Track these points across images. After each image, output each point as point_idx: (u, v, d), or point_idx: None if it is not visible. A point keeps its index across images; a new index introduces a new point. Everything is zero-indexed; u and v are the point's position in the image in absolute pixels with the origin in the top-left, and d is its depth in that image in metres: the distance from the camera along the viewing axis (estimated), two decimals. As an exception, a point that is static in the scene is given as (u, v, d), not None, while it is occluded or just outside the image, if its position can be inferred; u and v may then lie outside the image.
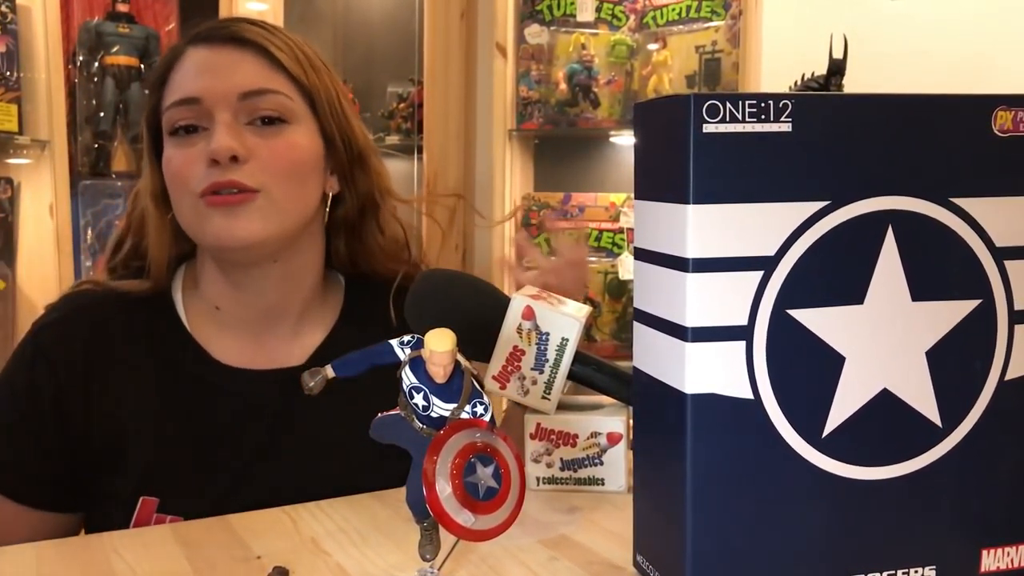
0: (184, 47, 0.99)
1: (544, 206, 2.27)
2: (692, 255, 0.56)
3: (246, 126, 0.95)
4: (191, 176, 0.94)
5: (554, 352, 0.87)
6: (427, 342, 0.50)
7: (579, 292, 1.10)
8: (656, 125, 0.60)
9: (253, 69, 0.96)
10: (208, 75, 0.95)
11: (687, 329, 0.56)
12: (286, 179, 0.95)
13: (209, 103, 0.94)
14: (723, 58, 2.06)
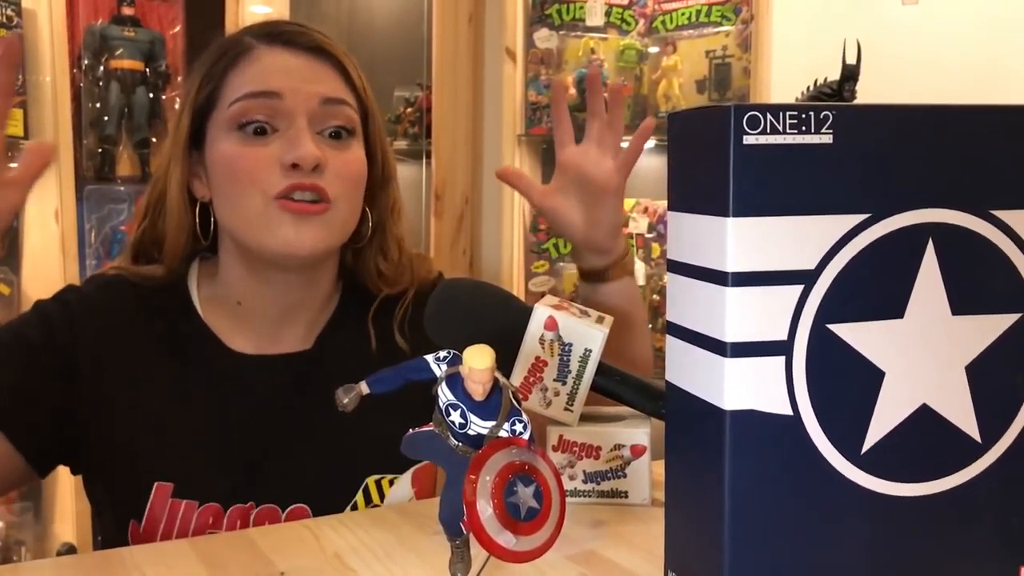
0: (255, 43, 0.97)
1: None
2: (732, 269, 0.55)
3: (317, 136, 0.95)
4: (264, 178, 0.93)
5: (577, 363, 0.86)
6: (466, 359, 0.49)
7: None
8: (693, 136, 0.59)
9: (332, 78, 0.98)
10: (288, 76, 0.95)
11: (726, 344, 0.55)
12: (352, 193, 0.98)
13: (291, 102, 0.94)
14: (733, 63, 2.05)
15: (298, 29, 1.00)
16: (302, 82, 0.95)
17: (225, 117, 0.95)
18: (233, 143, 0.94)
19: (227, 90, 0.96)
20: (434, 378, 0.53)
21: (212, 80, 0.97)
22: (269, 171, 0.93)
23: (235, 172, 0.94)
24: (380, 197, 1.05)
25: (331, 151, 0.96)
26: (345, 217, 0.97)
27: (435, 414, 0.54)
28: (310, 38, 0.99)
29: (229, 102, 0.95)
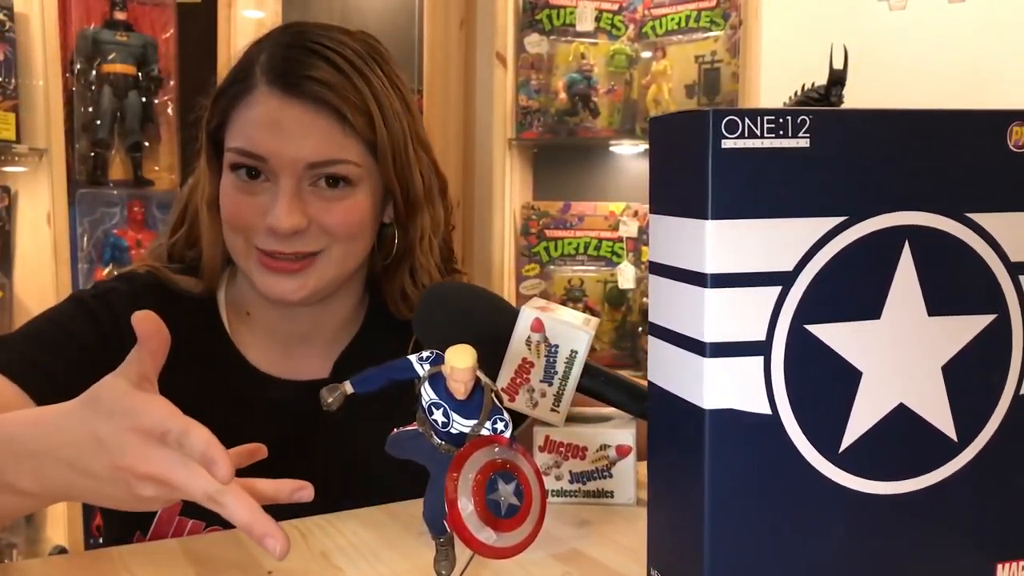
0: (260, 82, 0.94)
1: (544, 215, 2.27)
2: (711, 270, 0.56)
3: (309, 187, 0.94)
4: (249, 226, 0.94)
5: (563, 364, 0.87)
6: (448, 358, 0.50)
7: None
8: (673, 140, 0.60)
9: (325, 136, 0.93)
10: (279, 135, 0.92)
11: (705, 344, 0.56)
12: (346, 240, 0.96)
13: (275, 165, 0.93)
14: (723, 68, 2.07)
15: (305, 73, 0.93)
16: (291, 143, 0.92)
17: (227, 159, 0.96)
18: (230, 182, 0.96)
19: (230, 128, 0.96)
20: (417, 377, 0.53)
21: (219, 111, 0.97)
22: (254, 220, 0.94)
23: (227, 210, 0.96)
24: (410, 226, 1.02)
25: (323, 203, 0.94)
26: (339, 259, 0.97)
27: (418, 413, 0.55)
28: (312, 87, 0.92)
29: (228, 146, 0.96)
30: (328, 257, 0.96)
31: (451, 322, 0.94)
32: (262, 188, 0.94)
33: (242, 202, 0.94)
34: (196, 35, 2.53)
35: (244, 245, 0.96)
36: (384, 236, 1.04)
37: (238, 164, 0.94)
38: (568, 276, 2.22)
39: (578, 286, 2.21)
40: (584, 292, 2.21)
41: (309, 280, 0.95)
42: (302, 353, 1.03)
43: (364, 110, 0.94)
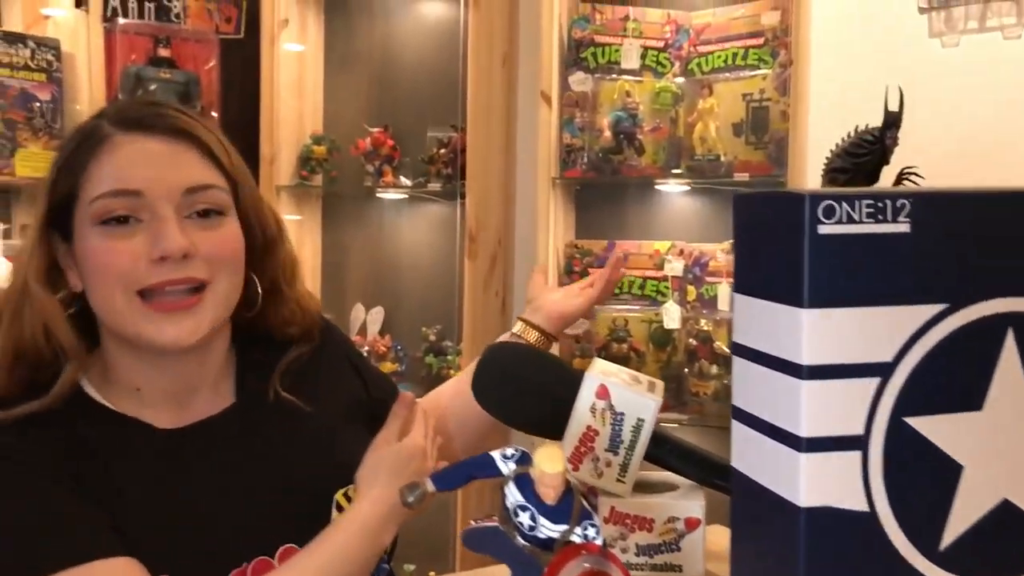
0: (113, 131, 0.93)
1: (587, 253, 2.24)
2: (807, 362, 0.53)
3: (185, 219, 0.92)
4: (131, 271, 0.90)
5: (630, 433, 0.85)
6: (537, 462, 0.48)
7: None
8: (762, 219, 0.58)
9: (194, 163, 0.94)
10: (149, 167, 0.92)
11: (802, 439, 0.54)
12: (230, 271, 0.95)
13: (151, 197, 0.91)
14: (771, 106, 2.04)
15: (156, 111, 0.96)
16: (163, 173, 0.92)
17: (88, 213, 0.91)
18: (97, 238, 0.91)
19: (88, 185, 0.92)
20: (499, 475, 0.51)
21: (72, 173, 0.93)
22: (134, 265, 0.90)
23: (99, 267, 0.91)
24: (267, 263, 1.03)
25: (201, 232, 0.93)
26: (226, 294, 0.95)
27: (500, 511, 0.52)
28: (169, 121, 0.94)
29: (90, 198, 0.91)
30: (215, 291, 0.94)
31: (511, 387, 0.91)
32: (136, 231, 0.91)
33: (116, 248, 0.90)
34: (238, 69, 2.54)
35: (124, 296, 0.91)
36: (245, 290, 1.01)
37: (107, 211, 0.91)
38: (612, 316, 2.19)
39: (622, 326, 2.18)
40: (628, 332, 2.18)
41: (201, 319, 0.93)
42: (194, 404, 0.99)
43: (218, 143, 0.97)
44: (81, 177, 0.92)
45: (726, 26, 2.12)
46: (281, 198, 2.49)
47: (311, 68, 2.62)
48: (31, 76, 2.09)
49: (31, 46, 2.09)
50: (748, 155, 2.07)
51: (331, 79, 2.65)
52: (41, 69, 2.11)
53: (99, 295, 0.92)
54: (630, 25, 2.17)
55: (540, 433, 0.92)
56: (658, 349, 2.17)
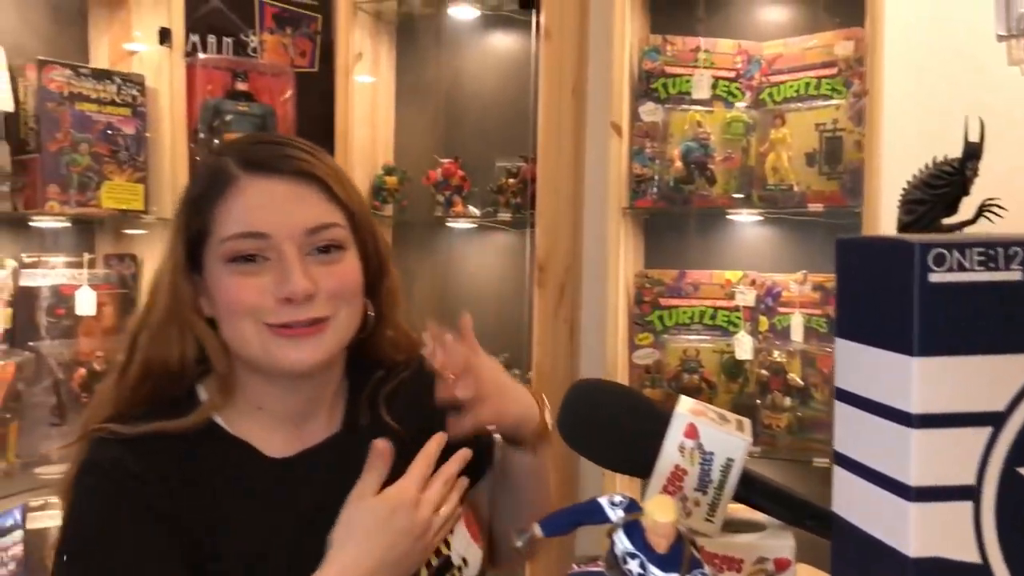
0: (239, 173, 0.99)
1: (657, 283, 2.23)
2: (917, 410, 0.53)
3: (307, 256, 0.98)
4: (259, 307, 0.97)
5: (719, 473, 0.84)
6: (649, 511, 0.48)
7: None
8: (869, 265, 0.57)
9: (315, 203, 0.99)
10: (273, 210, 0.98)
11: (911, 488, 0.53)
12: (349, 303, 1.01)
13: (277, 239, 0.97)
14: (845, 136, 2.02)
15: (280, 154, 1.00)
16: (287, 215, 0.98)
17: (218, 253, 0.98)
18: (227, 275, 0.97)
19: (217, 225, 0.98)
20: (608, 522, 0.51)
21: (202, 212, 0.99)
22: (262, 301, 0.96)
23: (230, 302, 0.97)
24: (379, 289, 1.08)
25: (322, 268, 0.99)
26: (346, 324, 1.01)
27: (607, 556, 0.53)
28: (291, 163, 0.99)
29: (220, 239, 0.97)
30: (337, 321, 1.00)
31: (598, 424, 0.92)
32: (263, 269, 0.97)
33: (246, 285, 0.97)
34: (313, 101, 2.60)
35: (254, 326, 0.97)
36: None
37: (236, 252, 0.97)
38: (683, 346, 2.18)
39: (693, 356, 2.17)
40: (700, 363, 2.16)
41: (323, 344, 0.99)
42: (309, 428, 1.06)
43: (337, 179, 1.02)
44: (210, 217, 0.98)
45: (799, 56, 2.11)
46: (353, 228, 2.53)
47: (383, 100, 2.67)
48: (117, 111, 2.15)
49: (117, 82, 2.16)
50: (822, 185, 2.06)
51: (402, 111, 2.69)
52: (126, 104, 2.17)
53: (229, 325, 0.99)
54: (701, 56, 2.17)
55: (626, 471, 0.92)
56: (730, 380, 2.15)
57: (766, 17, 2.27)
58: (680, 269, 2.23)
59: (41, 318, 2.07)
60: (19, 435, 1.98)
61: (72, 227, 2.22)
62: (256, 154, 1.01)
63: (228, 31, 2.52)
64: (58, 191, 2.03)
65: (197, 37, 2.46)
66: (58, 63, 2.05)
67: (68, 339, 2.12)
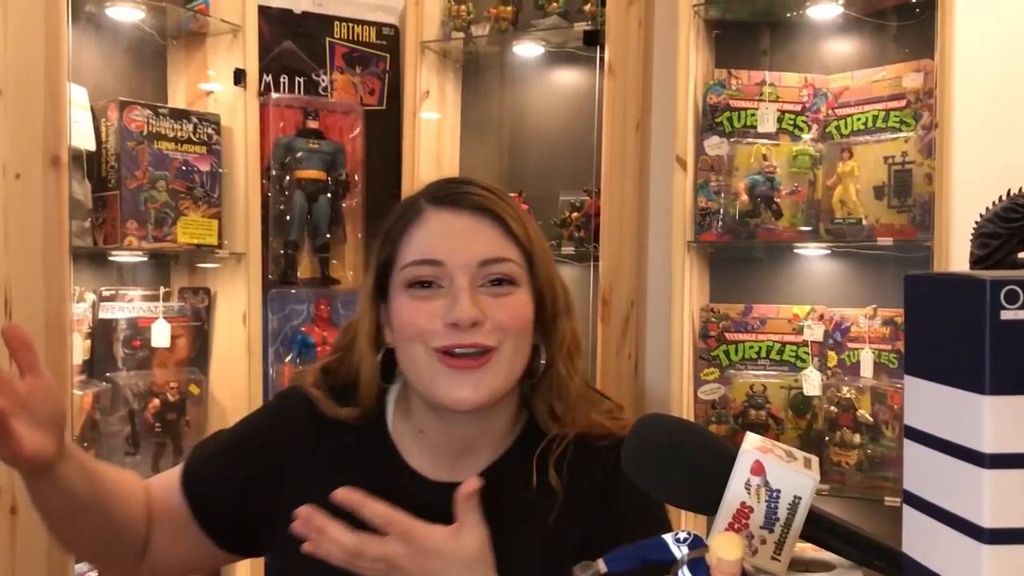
0: (425, 207, 1.07)
1: (723, 317, 2.22)
2: (989, 450, 0.52)
3: (479, 288, 1.03)
4: (428, 331, 1.02)
5: (785, 511, 0.83)
6: (715, 548, 0.48)
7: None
8: (938, 302, 0.57)
9: (491, 237, 1.05)
10: (451, 239, 1.04)
11: (984, 530, 0.52)
12: (516, 338, 1.04)
13: (451, 267, 1.03)
14: (914, 169, 1.99)
15: (464, 190, 1.07)
16: (463, 245, 1.03)
17: (400, 279, 1.05)
18: (405, 299, 1.04)
19: (401, 253, 1.06)
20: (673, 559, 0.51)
21: (390, 243, 1.08)
22: (431, 324, 1.02)
23: (404, 326, 1.04)
24: (553, 334, 1.09)
25: (492, 300, 1.03)
26: (510, 360, 1.04)
27: (672, 593, 0.53)
28: (473, 199, 1.05)
29: (402, 265, 1.05)
30: (501, 355, 1.03)
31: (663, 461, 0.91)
32: (437, 295, 1.03)
33: (419, 309, 1.03)
34: (381, 138, 2.65)
35: (424, 352, 1.03)
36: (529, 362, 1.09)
37: (414, 278, 1.04)
38: (750, 381, 2.15)
39: (760, 392, 2.14)
40: (767, 399, 2.13)
41: (487, 379, 1.02)
42: (464, 464, 1.09)
43: (517, 220, 1.07)
44: (397, 246, 1.06)
45: (866, 88, 2.09)
46: (419, 261, 2.56)
47: (449, 136, 2.71)
48: (193, 149, 2.23)
49: (194, 121, 2.23)
50: (891, 218, 2.03)
51: (467, 146, 2.73)
52: (202, 142, 2.25)
53: (403, 349, 1.06)
54: (766, 89, 2.17)
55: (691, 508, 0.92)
56: (797, 416, 2.12)
57: (832, 50, 2.26)
58: (746, 303, 2.21)
59: (118, 349, 2.14)
60: (96, 463, 2.04)
61: (149, 261, 2.30)
62: (442, 190, 1.08)
63: (300, 71, 2.60)
64: (136, 226, 2.11)
65: (270, 77, 2.54)
66: (138, 103, 2.14)
67: (143, 370, 2.19)
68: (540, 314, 1.08)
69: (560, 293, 1.10)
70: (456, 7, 2.54)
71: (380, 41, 2.72)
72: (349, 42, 2.68)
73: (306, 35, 2.62)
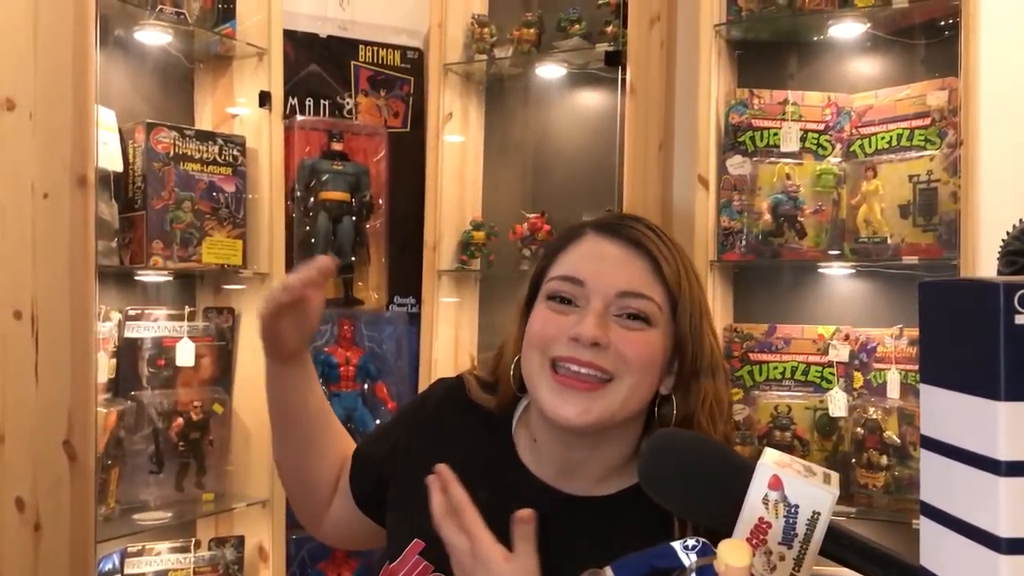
0: (587, 230, 1.12)
1: (747, 337, 2.20)
2: (1004, 457, 0.51)
3: (614, 317, 1.05)
4: (552, 340, 1.06)
5: (804, 526, 0.82)
6: (722, 555, 0.47)
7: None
8: (952, 309, 0.56)
9: (637, 272, 1.07)
10: (598, 263, 1.08)
11: (1001, 540, 0.51)
12: (636, 374, 1.04)
13: (590, 288, 1.06)
14: (940, 187, 1.97)
15: (626, 223, 1.11)
16: (608, 272, 1.06)
17: (544, 290, 1.10)
18: (541, 309, 1.09)
19: (552, 267, 1.11)
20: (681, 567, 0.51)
21: (547, 257, 1.14)
22: (556, 336, 1.05)
23: (532, 333, 1.08)
24: (692, 388, 1.09)
25: (621, 331, 1.04)
26: (626, 395, 1.04)
27: (682, 602, 0.52)
28: (632, 232, 1.09)
29: (549, 278, 1.10)
30: (618, 387, 1.04)
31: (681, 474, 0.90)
32: (571, 311, 1.07)
33: (550, 319, 1.07)
34: (405, 160, 2.67)
35: (539, 360, 1.06)
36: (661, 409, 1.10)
37: (556, 291, 1.08)
38: (774, 402, 2.13)
39: (785, 413, 2.12)
40: (792, 420, 2.11)
41: (595, 405, 1.03)
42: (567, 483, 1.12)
43: (672, 264, 1.08)
44: (552, 260, 1.12)
45: (890, 107, 2.08)
46: (442, 281, 2.57)
47: (472, 158, 2.72)
48: (218, 170, 2.25)
49: (219, 143, 2.26)
50: (916, 237, 2.01)
51: (490, 168, 2.74)
52: (227, 164, 2.27)
53: (525, 355, 1.10)
54: (789, 108, 2.16)
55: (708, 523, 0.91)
56: (823, 438, 2.09)
57: (856, 70, 2.25)
58: (770, 323, 2.19)
59: (143, 368, 2.16)
60: (119, 481, 2.06)
61: (174, 281, 2.32)
62: (607, 219, 1.14)
63: (325, 94, 2.63)
64: (162, 246, 2.13)
65: (296, 100, 2.57)
66: (165, 125, 2.16)
67: (168, 389, 2.20)
68: (680, 365, 1.09)
69: (708, 351, 1.10)
70: (479, 30, 2.56)
71: (404, 64, 2.74)
72: (374, 65, 2.71)
73: (331, 59, 2.65)
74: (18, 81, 1.75)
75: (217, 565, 2.20)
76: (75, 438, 1.76)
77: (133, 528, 2.04)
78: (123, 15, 2.12)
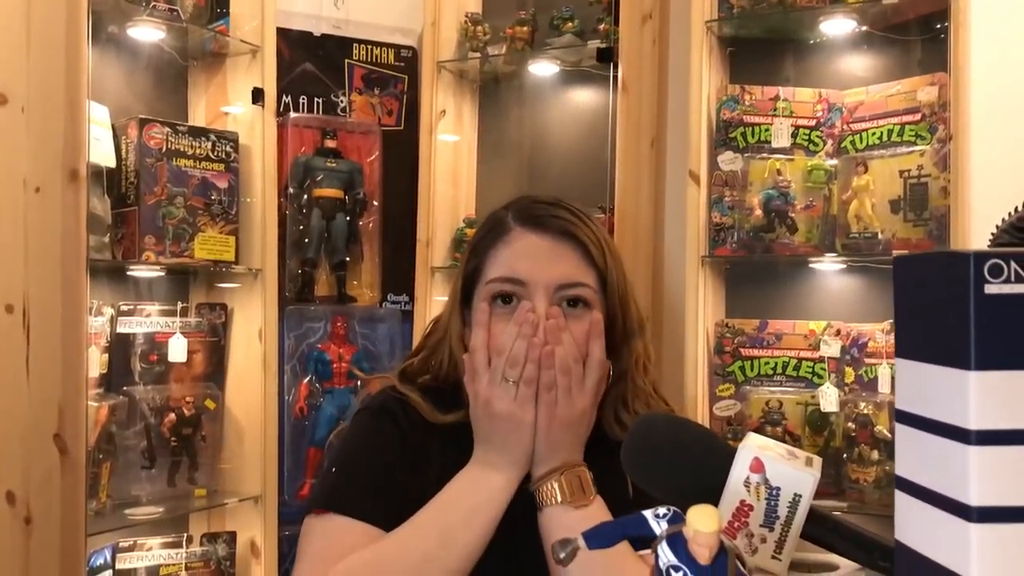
0: (513, 225, 1.17)
1: (738, 333, 2.20)
2: (975, 426, 0.51)
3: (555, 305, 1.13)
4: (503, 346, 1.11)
5: (786, 509, 0.82)
6: (691, 520, 0.48)
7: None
8: (925, 281, 0.56)
9: (572, 262, 1.14)
10: (532, 260, 1.14)
11: (972, 508, 0.51)
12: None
13: (531, 287, 1.13)
14: (930, 182, 1.98)
15: (551, 213, 1.16)
16: (543, 267, 1.13)
17: (486, 291, 1.15)
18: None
19: (487, 267, 1.16)
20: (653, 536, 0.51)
21: (477, 255, 1.18)
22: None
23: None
24: (623, 351, 1.18)
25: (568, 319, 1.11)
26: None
27: (652, 571, 0.52)
28: (558, 223, 1.15)
29: (487, 279, 1.15)
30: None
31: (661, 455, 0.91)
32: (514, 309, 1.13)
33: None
34: (398, 158, 2.67)
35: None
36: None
37: (499, 292, 1.14)
38: (765, 397, 2.13)
39: (776, 408, 2.12)
40: (783, 415, 2.11)
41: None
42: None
43: (598, 245, 1.15)
44: (484, 260, 1.17)
45: (880, 103, 2.08)
46: (435, 279, 2.57)
47: (465, 156, 2.73)
48: (211, 166, 2.25)
49: (212, 139, 2.26)
50: (907, 232, 2.01)
51: (484, 165, 2.74)
52: (220, 160, 2.27)
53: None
54: (780, 105, 2.17)
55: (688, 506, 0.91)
56: (815, 433, 2.10)
57: (847, 66, 2.25)
58: (762, 319, 2.20)
59: (135, 363, 2.16)
60: (111, 476, 2.06)
61: (167, 277, 2.32)
62: (531, 211, 1.18)
63: (319, 91, 2.63)
64: (154, 242, 2.13)
65: (289, 97, 2.57)
66: (157, 121, 2.17)
67: (160, 384, 2.20)
68: (612, 331, 1.15)
69: (633, 312, 1.19)
70: (473, 28, 2.56)
71: (398, 63, 2.74)
72: (368, 64, 2.71)
73: (325, 57, 2.65)
74: (11, 76, 1.75)
75: (209, 561, 2.20)
76: (66, 432, 1.77)
77: (124, 523, 2.04)
78: (116, 11, 2.13)
